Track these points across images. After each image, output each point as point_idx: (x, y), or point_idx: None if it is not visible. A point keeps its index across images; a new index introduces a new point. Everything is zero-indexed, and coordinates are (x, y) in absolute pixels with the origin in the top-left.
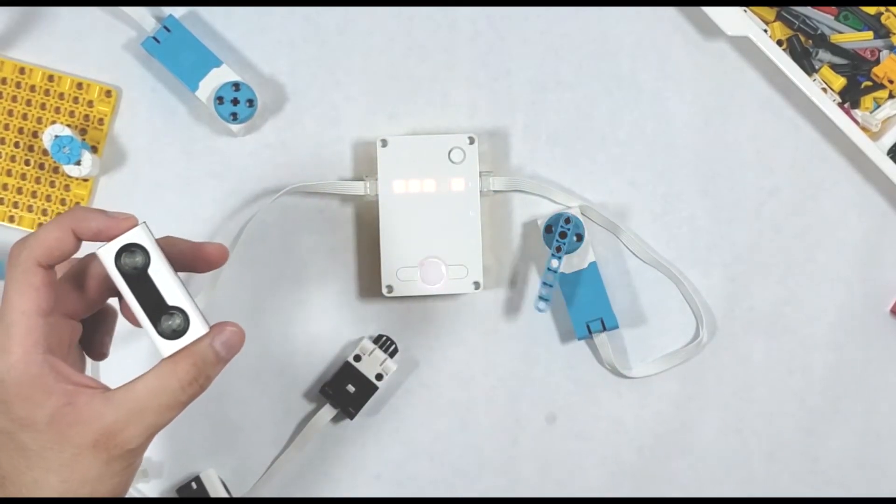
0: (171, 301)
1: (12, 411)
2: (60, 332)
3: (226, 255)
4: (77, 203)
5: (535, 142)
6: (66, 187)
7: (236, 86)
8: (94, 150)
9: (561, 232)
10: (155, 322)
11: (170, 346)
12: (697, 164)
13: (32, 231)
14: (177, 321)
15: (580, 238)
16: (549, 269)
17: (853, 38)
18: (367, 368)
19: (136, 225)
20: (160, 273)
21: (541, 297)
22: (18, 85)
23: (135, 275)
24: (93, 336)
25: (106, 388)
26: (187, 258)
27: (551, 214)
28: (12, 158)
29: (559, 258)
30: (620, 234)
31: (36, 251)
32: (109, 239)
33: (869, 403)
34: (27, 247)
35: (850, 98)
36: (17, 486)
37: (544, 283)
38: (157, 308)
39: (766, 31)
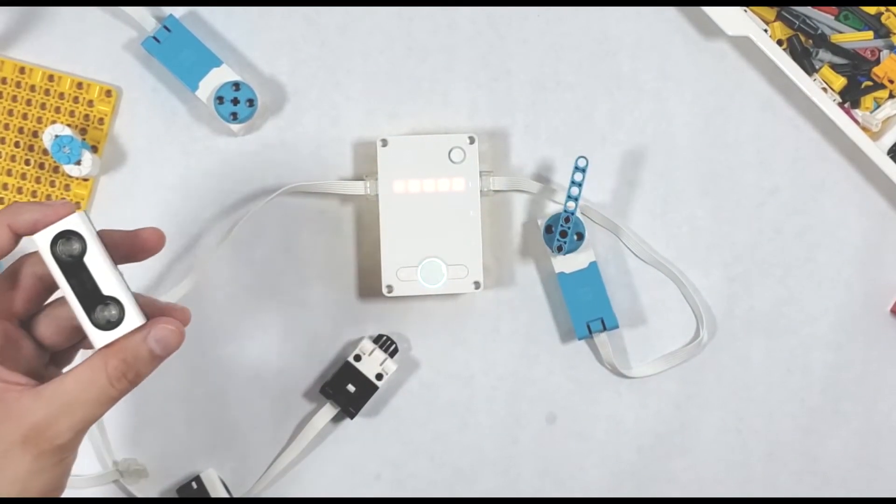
0: (106, 291)
1: None
2: None
3: (162, 240)
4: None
5: (535, 142)
6: (67, 187)
7: (236, 86)
8: (94, 149)
9: (561, 231)
10: (89, 312)
11: (103, 337)
12: (697, 164)
13: None
14: (112, 312)
15: (581, 237)
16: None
17: (853, 37)
18: (367, 368)
19: (73, 212)
20: (97, 262)
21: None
22: (18, 85)
23: (70, 262)
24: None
25: (36, 384)
26: (123, 248)
27: (551, 214)
28: (12, 158)
29: (576, 199)
30: (620, 234)
31: None
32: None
33: (869, 403)
34: None
35: (850, 98)
36: None
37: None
38: (92, 298)
39: (766, 31)
